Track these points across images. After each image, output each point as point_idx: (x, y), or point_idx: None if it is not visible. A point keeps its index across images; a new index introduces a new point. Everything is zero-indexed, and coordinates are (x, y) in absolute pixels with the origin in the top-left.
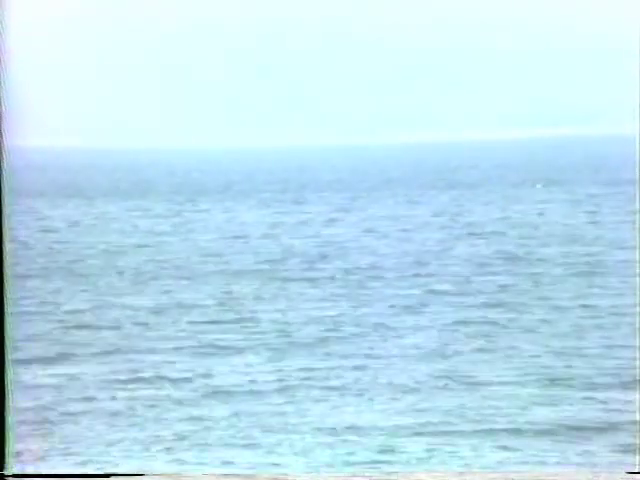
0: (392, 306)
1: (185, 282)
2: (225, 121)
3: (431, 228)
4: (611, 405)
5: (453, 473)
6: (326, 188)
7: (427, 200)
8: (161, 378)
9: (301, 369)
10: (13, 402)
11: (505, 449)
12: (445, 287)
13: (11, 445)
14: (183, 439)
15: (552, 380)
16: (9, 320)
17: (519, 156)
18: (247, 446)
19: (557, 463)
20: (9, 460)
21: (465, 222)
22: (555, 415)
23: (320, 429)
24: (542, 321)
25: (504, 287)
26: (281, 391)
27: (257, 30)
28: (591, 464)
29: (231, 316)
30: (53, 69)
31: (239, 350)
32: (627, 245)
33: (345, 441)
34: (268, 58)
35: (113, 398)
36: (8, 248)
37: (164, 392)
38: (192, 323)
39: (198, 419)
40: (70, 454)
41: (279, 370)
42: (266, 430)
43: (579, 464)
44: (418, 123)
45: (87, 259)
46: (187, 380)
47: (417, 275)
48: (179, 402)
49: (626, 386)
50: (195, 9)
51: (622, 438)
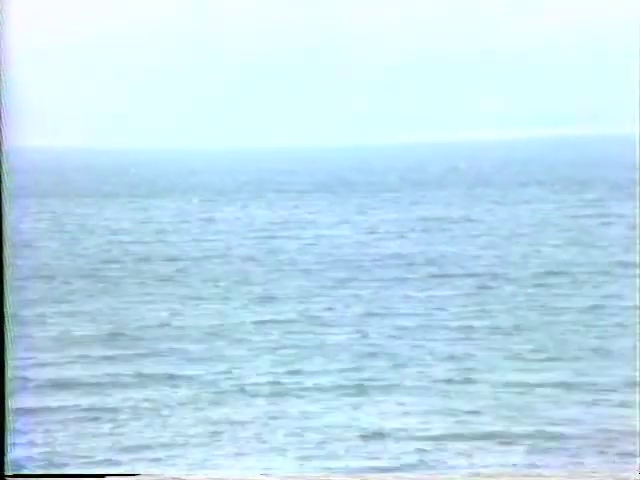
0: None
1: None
2: (225, 121)
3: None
4: None
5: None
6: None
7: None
8: None
9: None
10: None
11: None
12: None
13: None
14: None
15: None
16: (9, 320)
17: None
18: None
19: None
20: (9, 460)
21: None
22: None
23: None
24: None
25: None
26: None
27: (256, 30)
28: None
29: None
30: (53, 69)
31: None
32: None
33: None
34: (268, 58)
35: None
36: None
37: None
38: None
39: None
40: None
41: None
42: None
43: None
44: (418, 123)
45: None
46: None
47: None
48: None
49: None
50: (195, 9)
51: None
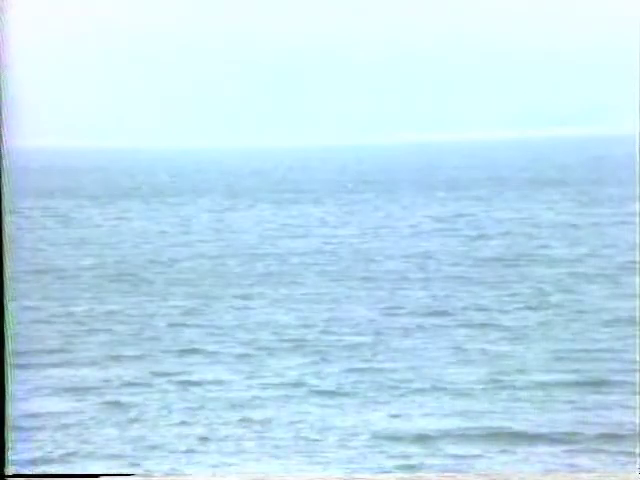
0: None
1: None
2: (224, 121)
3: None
4: None
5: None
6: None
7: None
8: None
9: None
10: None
11: None
12: None
13: (10, 445)
14: None
15: None
16: (9, 321)
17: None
18: None
19: None
20: (8, 460)
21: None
22: None
23: None
24: None
25: None
26: None
27: (257, 29)
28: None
29: None
30: (53, 69)
31: None
32: None
33: None
34: (268, 57)
35: None
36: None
37: None
38: None
39: None
40: None
41: None
42: None
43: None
44: (418, 123)
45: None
46: None
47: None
48: None
49: None
50: (195, 10)
51: None
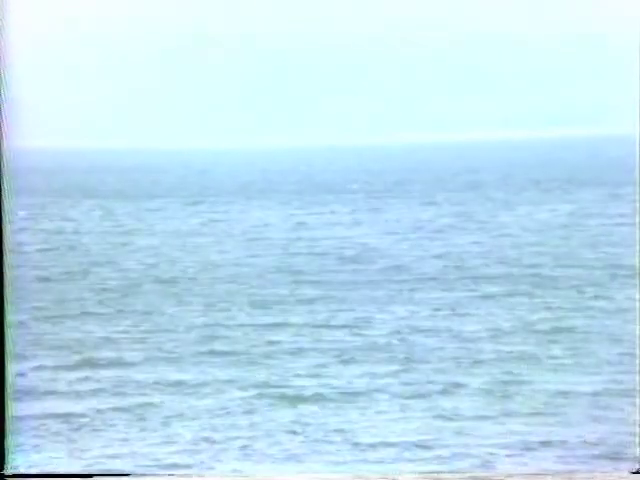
0: None
1: None
2: (224, 122)
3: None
4: None
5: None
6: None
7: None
8: None
9: None
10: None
11: None
12: None
13: (10, 445)
14: None
15: None
16: (9, 322)
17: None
18: None
19: None
20: (8, 460)
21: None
22: None
23: None
24: None
25: None
26: None
27: (258, 29)
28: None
29: None
30: (53, 69)
31: None
32: None
33: None
34: (268, 58)
35: None
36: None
37: None
38: None
39: None
40: None
41: None
42: None
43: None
44: (418, 124)
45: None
46: None
47: None
48: None
49: None
50: (195, 9)
51: None
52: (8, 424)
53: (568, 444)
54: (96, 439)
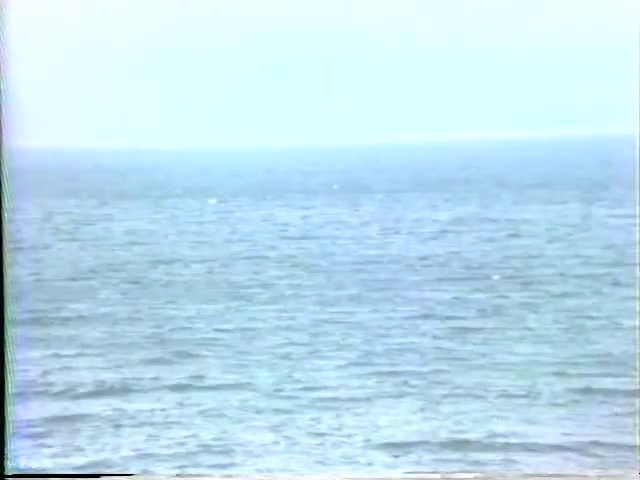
0: None
1: None
2: (225, 122)
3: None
4: None
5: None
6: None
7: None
8: None
9: None
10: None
11: None
12: None
13: (10, 445)
14: None
15: None
16: (9, 321)
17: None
18: None
19: None
20: (9, 460)
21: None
22: None
23: None
24: None
25: None
26: None
27: (257, 30)
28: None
29: None
30: (53, 69)
31: None
32: None
33: None
34: (268, 58)
35: None
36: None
37: None
38: None
39: None
40: None
41: None
42: None
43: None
44: (418, 124)
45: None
46: None
47: None
48: None
49: None
50: (195, 9)
51: None
52: (8, 425)
53: None
54: None
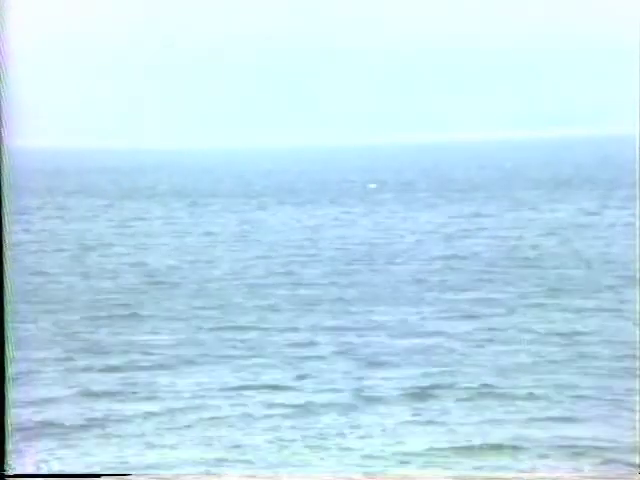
0: None
1: None
2: (225, 122)
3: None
4: None
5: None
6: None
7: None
8: None
9: None
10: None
11: None
12: None
13: (11, 445)
14: None
15: None
16: (9, 320)
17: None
18: None
19: None
20: (9, 460)
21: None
22: None
23: None
24: None
25: None
26: None
27: (258, 30)
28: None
29: None
30: (53, 69)
31: None
32: None
33: None
34: (269, 58)
35: None
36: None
37: None
38: None
39: None
40: None
41: None
42: None
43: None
44: (419, 124)
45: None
46: None
47: None
48: None
49: None
50: (195, 9)
51: None
52: (8, 425)
53: None
54: None
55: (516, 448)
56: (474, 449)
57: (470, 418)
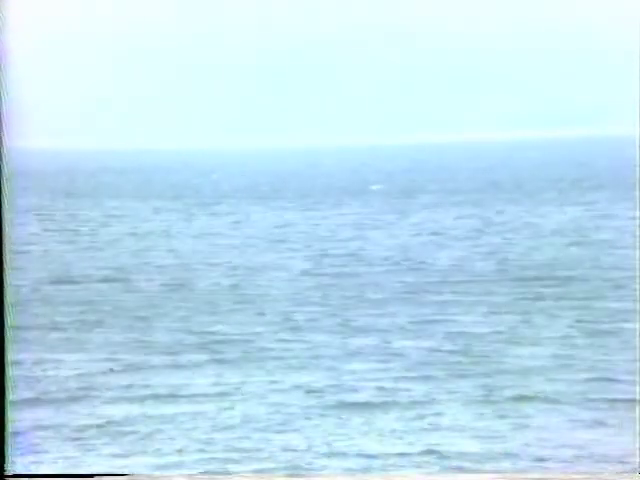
0: None
1: None
2: (226, 123)
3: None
4: None
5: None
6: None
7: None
8: None
9: None
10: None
11: None
12: None
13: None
14: None
15: None
16: (8, 320)
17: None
18: None
19: None
20: (9, 460)
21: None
22: None
23: None
24: None
25: None
26: None
27: (258, 30)
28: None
29: None
30: (53, 69)
31: None
32: None
33: None
34: (270, 58)
35: None
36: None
37: None
38: None
39: None
40: None
41: None
42: None
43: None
44: (419, 124)
45: None
46: None
47: None
48: None
49: None
50: (195, 10)
51: None
52: (8, 425)
53: None
54: None
55: None
56: None
57: None
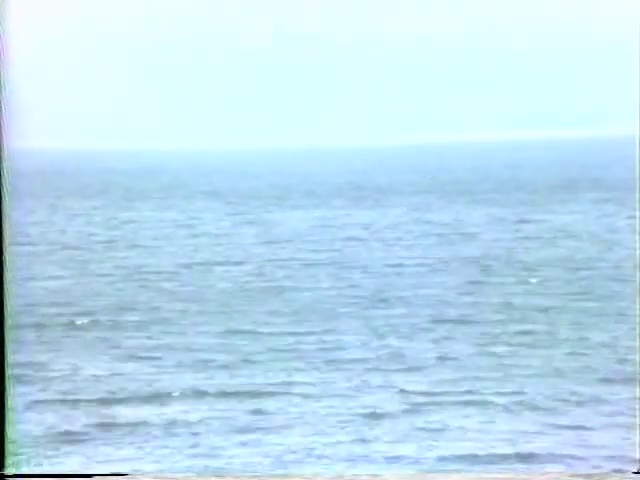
0: None
1: None
2: (226, 123)
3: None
4: None
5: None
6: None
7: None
8: None
9: None
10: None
11: None
12: None
13: (10, 445)
14: None
15: None
16: (8, 320)
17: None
18: None
19: None
20: (9, 460)
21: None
22: None
23: None
24: None
25: None
26: None
27: (258, 31)
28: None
29: None
30: (52, 70)
31: None
32: None
33: None
34: (270, 59)
35: None
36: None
37: None
38: None
39: None
40: None
41: None
42: None
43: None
44: (420, 124)
45: None
46: None
47: None
48: None
49: None
50: (195, 10)
51: None
52: (8, 425)
53: None
54: None
55: None
56: None
57: None
